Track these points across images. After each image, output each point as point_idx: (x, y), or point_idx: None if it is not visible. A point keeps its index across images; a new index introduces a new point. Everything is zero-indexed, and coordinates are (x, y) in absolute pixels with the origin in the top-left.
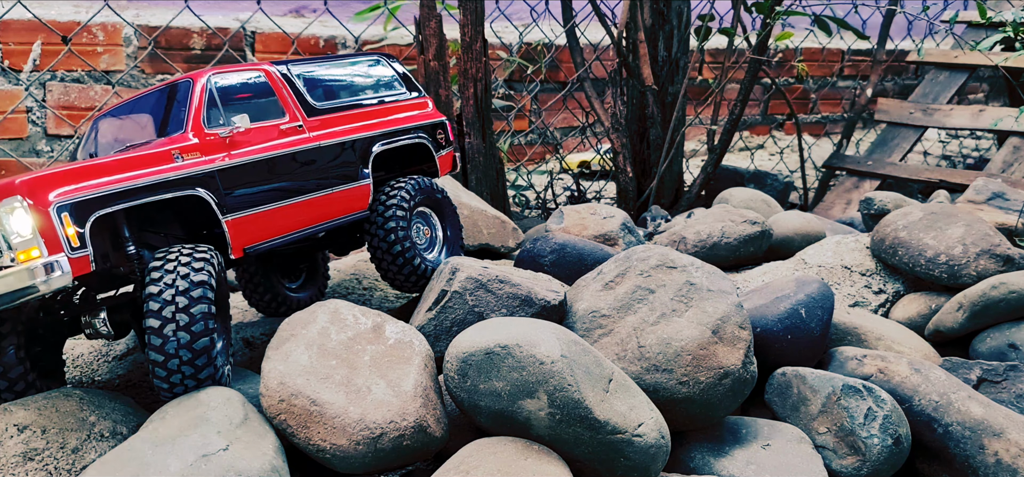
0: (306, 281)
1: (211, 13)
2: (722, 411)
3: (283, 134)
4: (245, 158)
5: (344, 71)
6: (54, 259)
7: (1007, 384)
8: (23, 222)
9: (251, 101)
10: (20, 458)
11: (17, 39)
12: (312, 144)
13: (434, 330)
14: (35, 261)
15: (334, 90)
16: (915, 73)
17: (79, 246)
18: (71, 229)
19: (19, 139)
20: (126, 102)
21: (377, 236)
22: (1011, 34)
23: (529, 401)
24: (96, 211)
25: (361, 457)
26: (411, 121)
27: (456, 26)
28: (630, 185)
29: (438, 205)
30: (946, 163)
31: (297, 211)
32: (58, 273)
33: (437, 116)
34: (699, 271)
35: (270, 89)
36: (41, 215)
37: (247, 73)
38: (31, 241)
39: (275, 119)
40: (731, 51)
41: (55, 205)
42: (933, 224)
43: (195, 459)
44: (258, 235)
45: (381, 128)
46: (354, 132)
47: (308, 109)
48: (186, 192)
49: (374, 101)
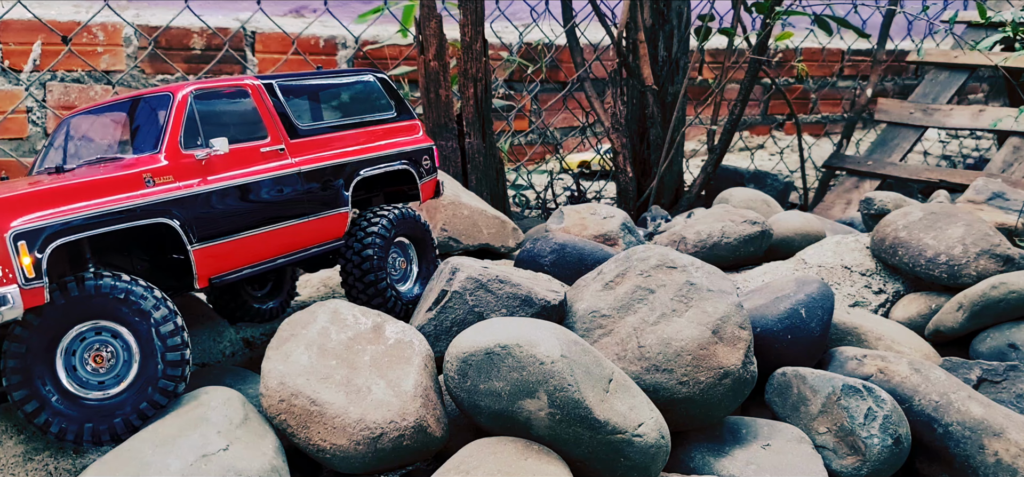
0: (272, 291)
1: (211, 13)
2: (722, 411)
3: (263, 158)
4: (220, 183)
5: (335, 90)
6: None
7: (1007, 384)
8: None
9: (232, 121)
10: (20, 458)
11: (17, 39)
12: (292, 170)
13: (434, 330)
14: None
15: (321, 110)
16: (915, 73)
17: (34, 277)
18: (27, 258)
19: (19, 139)
20: (100, 105)
21: (351, 261)
22: (1011, 34)
23: (529, 401)
24: (58, 239)
25: (361, 457)
26: (398, 146)
27: (456, 26)
28: (630, 185)
29: (419, 238)
30: (946, 163)
31: (270, 239)
32: (8, 305)
33: (425, 142)
34: (699, 271)
35: (254, 108)
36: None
37: (231, 89)
38: None
39: (256, 141)
40: (731, 51)
41: (11, 233)
42: (933, 224)
43: (195, 459)
44: (226, 265)
45: (366, 153)
46: (338, 157)
47: (291, 131)
48: (154, 220)
49: (362, 123)
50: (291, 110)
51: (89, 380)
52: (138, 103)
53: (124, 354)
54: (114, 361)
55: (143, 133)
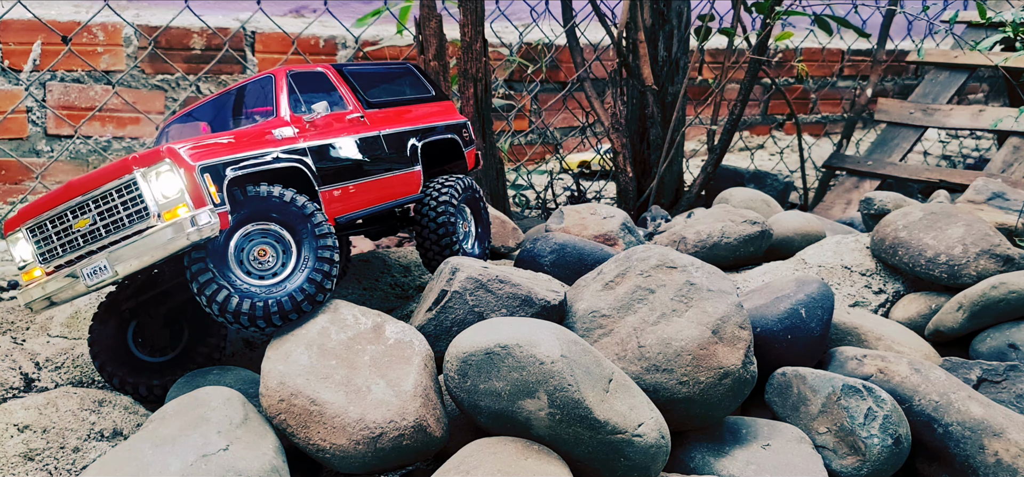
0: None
1: (211, 13)
2: (722, 411)
3: (350, 123)
4: (332, 138)
5: (384, 74)
6: (201, 211)
7: (1007, 384)
8: (171, 183)
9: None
10: (20, 458)
11: (17, 39)
12: (374, 132)
13: (434, 330)
14: (184, 215)
15: (378, 90)
16: (915, 73)
17: (220, 202)
18: (212, 187)
19: (19, 139)
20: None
21: (428, 227)
22: (1011, 34)
23: (529, 401)
24: (228, 175)
25: (361, 457)
26: (444, 119)
27: (456, 26)
28: (630, 185)
29: (475, 203)
30: (946, 163)
31: (369, 189)
32: (207, 221)
33: (461, 117)
34: (699, 271)
35: (332, 84)
36: (187, 176)
37: (312, 70)
38: (178, 199)
39: (342, 109)
40: (731, 51)
41: (198, 166)
42: (933, 224)
43: (195, 459)
44: (343, 209)
45: (421, 123)
46: (402, 125)
47: (365, 103)
48: (293, 164)
49: (414, 100)
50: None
51: (254, 272)
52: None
53: (281, 250)
54: (273, 257)
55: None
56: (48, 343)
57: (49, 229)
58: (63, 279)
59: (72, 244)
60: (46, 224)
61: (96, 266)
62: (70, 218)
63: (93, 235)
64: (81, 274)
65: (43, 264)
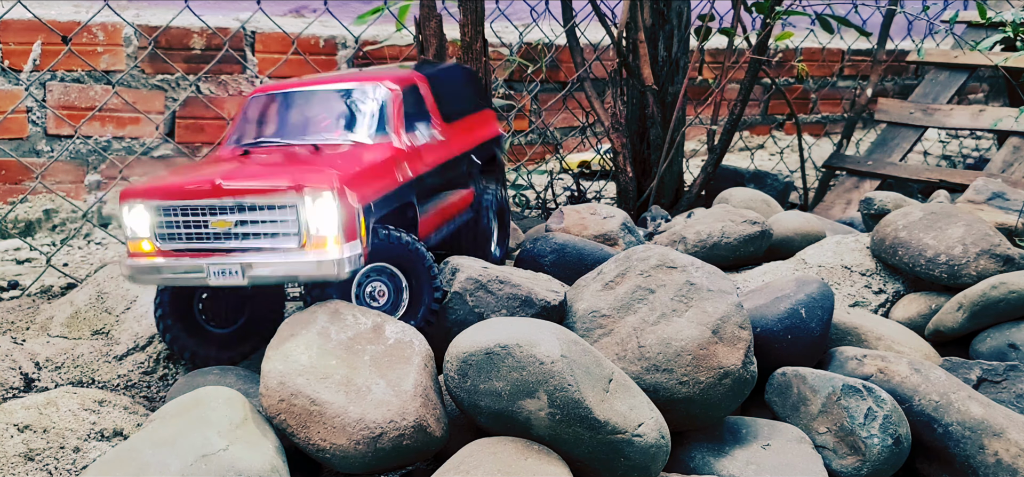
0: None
1: (211, 13)
2: (722, 411)
3: (439, 146)
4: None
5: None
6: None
7: (1007, 384)
8: (330, 217)
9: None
10: (20, 458)
11: (17, 39)
12: (455, 156)
13: (434, 330)
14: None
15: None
16: (915, 73)
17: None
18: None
19: (19, 139)
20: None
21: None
22: (1011, 34)
23: (529, 401)
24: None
25: (361, 457)
26: (494, 133)
27: (456, 26)
28: (630, 185)
29: (502, 209)
30: (946, 163)
31: (442, 212)
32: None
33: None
34: (699, 271)
35: (422, 98)
36: (347, 213)
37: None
38: (333, 233)
39: (428, 127)
40: (731, 51)
41: (360, 207)
42: (933, 224)
43: (195, 459)
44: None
45: (482, 140)
46: (469, 143)
47: (444, 116)
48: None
49: (472, 111)
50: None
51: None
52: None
53: (393, 289)
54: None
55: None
56: (48, 343)
57: (179, 216)
58: (187, 267)
59: (201, 238)
60: (177, 210)
61: (227, 268)
62: (208, 213)
63: (227, 236)
64: (208, 270)
65: (159, 243)
